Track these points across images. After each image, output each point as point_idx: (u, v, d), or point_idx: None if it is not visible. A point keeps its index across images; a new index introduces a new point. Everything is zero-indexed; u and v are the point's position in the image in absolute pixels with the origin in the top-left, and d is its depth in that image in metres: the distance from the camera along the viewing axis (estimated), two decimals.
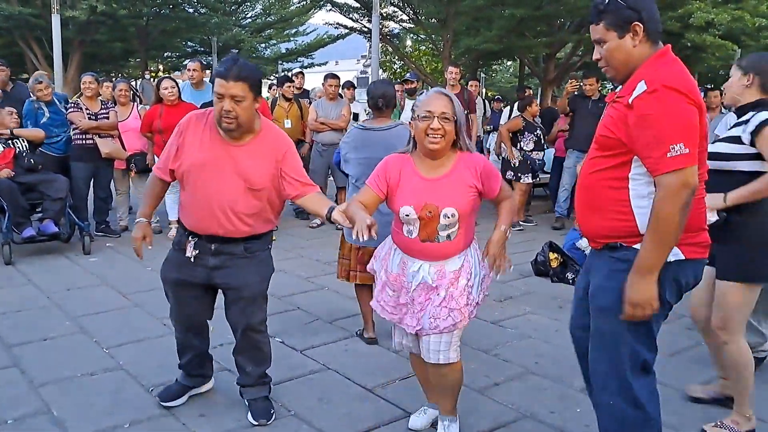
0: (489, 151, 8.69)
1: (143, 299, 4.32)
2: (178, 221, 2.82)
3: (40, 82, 6.04)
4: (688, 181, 1.83)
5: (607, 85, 14.40)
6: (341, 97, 7.75)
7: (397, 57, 23.12)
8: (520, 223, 7.26)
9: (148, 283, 4.49)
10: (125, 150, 6.25)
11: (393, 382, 3.19)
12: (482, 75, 24.20)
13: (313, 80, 14.53)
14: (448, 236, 2.38)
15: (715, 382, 3.24)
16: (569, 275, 4.99)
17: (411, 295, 2.46)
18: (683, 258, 1.97)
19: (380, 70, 17.29)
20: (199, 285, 2.73)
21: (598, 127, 2.07)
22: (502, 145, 7.22)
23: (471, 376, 3.29)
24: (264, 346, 2.87)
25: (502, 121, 8.09)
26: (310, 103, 7.65)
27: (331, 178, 7.25)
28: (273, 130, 2.75)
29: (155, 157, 5.90)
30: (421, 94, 2.60)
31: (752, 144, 2.68)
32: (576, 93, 7.09)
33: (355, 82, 9.41)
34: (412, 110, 2.49)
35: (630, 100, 1.89)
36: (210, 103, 4.88)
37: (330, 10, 17.55)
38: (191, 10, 19.04)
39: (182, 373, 2.97)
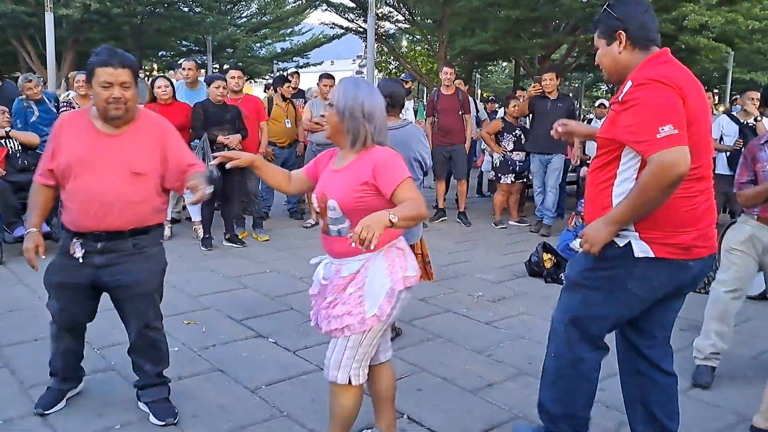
0: (484, 152, 8.71)
1: None
2: (62, 225, 2.73)
3: (30, 81, 6.02)
4: (679, 161, 1.91)
5: (599, 87, 14.42)
6: None
7: (392, 57, 23.14)
8: (510, 223, 7.29)
9: None
10: None
11: None
12: (477, 76, 24.25)
13: (308, 80, 14.50)
14: (339, 231, 2.27)
15: None
16: (563, 276, 4.99)
17: (322, 293, 2.41)
18: (653, 256, 2.08)
19: (376, 71, 17.29)
20: (83, 286, 2.67)
21: (599, 131, 2.27)
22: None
23: (464, 376, 3.29)
24: (161, 345, 2.86)
25: None
26: (305, 102, 7.63)
27: None
28: (151, 114, 2.79)
29: None
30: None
31: None
32: (537, 95, 6.89)
33: None
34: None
35: (620, 98, 2.07)
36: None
37: (326, 9, 17.54)
38: (186, 9, 18.99)
39: (57, 378, 2.88)
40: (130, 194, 2.57)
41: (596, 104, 8.69)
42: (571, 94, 19.18)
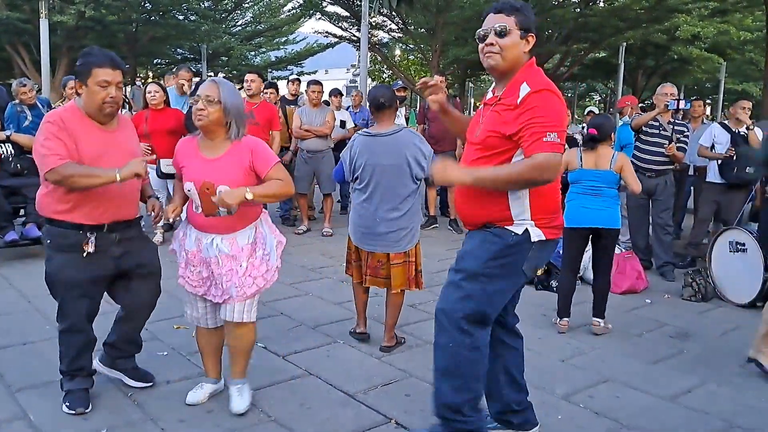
0: None
1: None
2: (65, 222, 2.71)
3: (24, 85, 6.01)
4: (553, 165, 2.18)
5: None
6: (327, 104, 7.73)
7: (386, 66, 23.22)
8: None
9: None
10: None
11: (375, 387, 3.18)
12: (470, 85, 24.35)
13: (301, 88, 14.50)
14: (228, 212, 2.58)
15: (695, 390, 3.27)
16: (553, 283, 5.00)
17: (212, 268, 2.71)
18: (545, 239, 2.35)
19: (369, 79, 17.33)
20: (108, 277, 2.85)
21: (479, 129, 2.39)
22: None
23: None
24: None
25: None
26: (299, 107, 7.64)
27: (317, 185, 7.24)
28: (121, 116, 2.96)
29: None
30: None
31: None
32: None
33: (344, 91, 9.39)
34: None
35: (518, 101, 2.23)
36: None
37: (320, 18, 17.61)
38: (181, 17, 19.00)
39: (79, 378, 2.88)
40: (135, 182, 2.79)
41: (586, 112, 8.72)
42: None
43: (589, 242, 4.18)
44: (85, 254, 2.69)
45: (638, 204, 5.63)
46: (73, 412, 2.79)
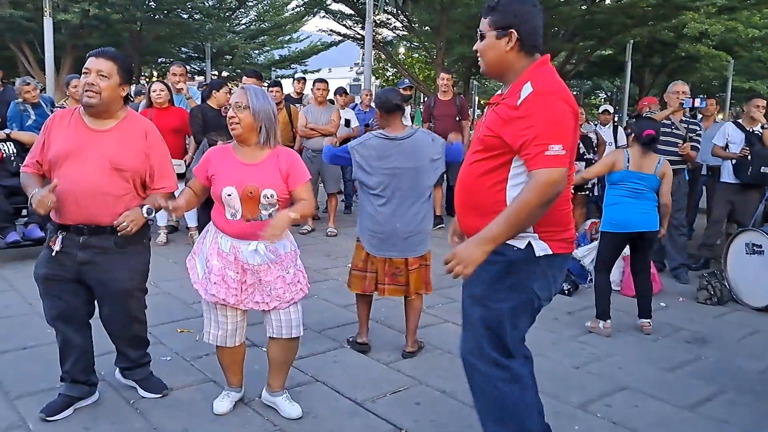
0: None
1: None
2: (48, 217, 2.74)
3: (28, 84, 5.94)
4: (558, 180, 1.95)
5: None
6: (332, 102, 7.64)
7: (390, 64, 23.09)
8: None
9: None
10: None
11: (383, 395, 3.09)
12: (475, 83, 24.23)
13: (306, 88, 14.44)
14: (270, 215, 2.62)
15: (715, 399, 3.17)
16: (565, 285, 4.90)
17: (258, 275, 2.66)
18: (551, 253, 2.11)
19: (373, 77, 17.24)
20: (68, 280, 2.71)
21: (481, 129, 2.19)
22: None
23: (464, 390, 3.17)
24: (143, 333, 2.98)
25: None
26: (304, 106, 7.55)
27: (321, 184, 7.15)
28: (138, 116, 2.88)
29: None
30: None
31: None
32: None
33: (348, 90, 9.30)
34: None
35: (518, 102, 2.01)
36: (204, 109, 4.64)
37: (324, 17, 17.51)
38: (185, 16, 18.93)
39: (66, 383, 2.84)
40: (109, 187, 2.62)
41: (600, 111, 8.56)
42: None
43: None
44: (53, 252, 2.65)
45: None
46: (43, 416, 2.72)
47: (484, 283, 2.14)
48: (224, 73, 23.47)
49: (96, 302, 2.83)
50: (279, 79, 15.07)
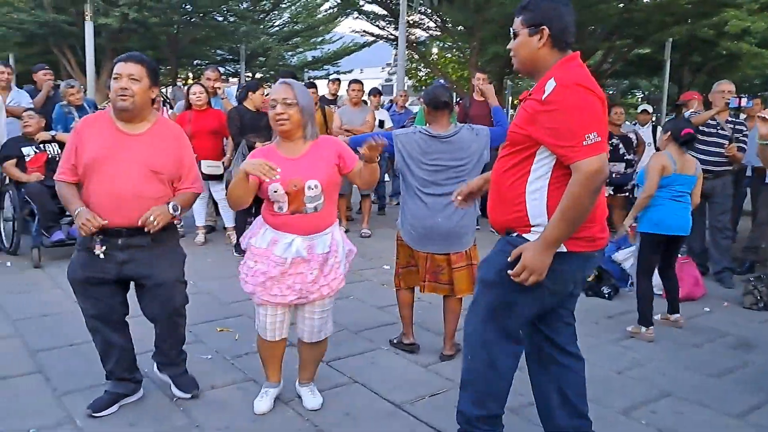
0: None
1: None
2: None
3: (72, 86, 6.11)
4: (602, 168, 1.98)
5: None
6: (365, 103, 7.66)
7: (423, 65, 23.04)
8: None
9: None
10: None
11: (422, 398, 3.08)
12: (509, 82, 24.01)
13: (340, 88, 14.47)
14: (315, 208, 2.66)
15: (764, 407, 3.07)
16: (605, 289, 4.82)
17: (282, 268, 2.67)
18: (566, 251, 2.11)
19: (406, 78, 17.22)
20: (108, 281, 2.75)
21: (510, 125, 2.24)
22: None
23: None
24: (182, 328, 3.00)
25: None
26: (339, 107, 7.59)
27: (355, 185, 7.16)
28: (168, 121, 2.99)
29: None
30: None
31: None
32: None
33: (381, 90, 9.30)
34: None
35: (543, 97, 2.04)
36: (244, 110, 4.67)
37: (357, 17, 17.55)
38: (220, 19, 19.19)
39: (111, 381, 2.91)
40: (147, 190, 2.68)
41: (639, 111, 8.39)
42: None
43: None
44: (100, 255, 2.69)
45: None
46: (89, 411, 2.79)
47: (494, 268, 2.22)
48: (258, 75, 23.72)
49: (139, 299, 2.87)
50: (313, 80, 15.17)
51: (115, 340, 2.85)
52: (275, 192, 2.64)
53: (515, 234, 2.18)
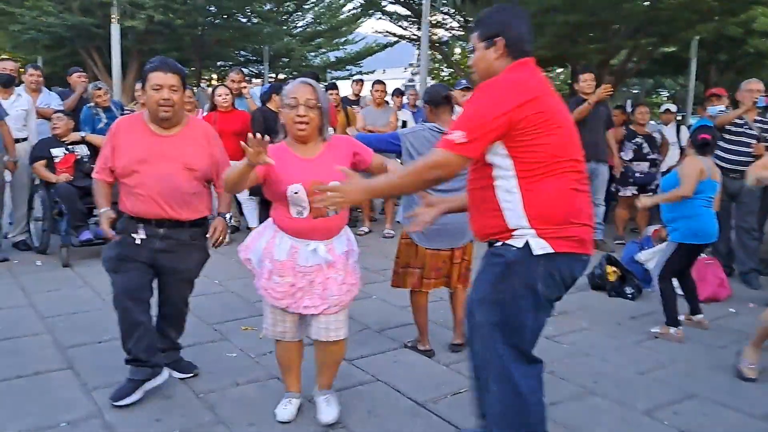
0: None
1: (197, 303, 4.33)
2: (119, 212, 2.96)
3: (99, 88, 6.22)
4: (441, 163, 2.00)
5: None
6: (388, 104, 7.69)
7: (446, 65, 22.99)
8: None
9: (202, 290, 4.50)
10: None
11: (444, 397, 3.10)
12: None
13: (363, 89, 14.52)
14: (336, 210, 2.56)
15: None
16: (628, 290, 4.79)
17: (310, 277, 2.61)
18: (552, 251, 2.03)
19: (429, 78, 17.20)
20: (140, 262, 2.91)
21: None
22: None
23: None
24: (185, 316, 3.25)
25: None
26: (361, 108, 7.62)
27: None
28: (198, 120, 3.18)
29: None
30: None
31: None
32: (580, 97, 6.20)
33: (404, 91, 9.31)
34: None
35: None
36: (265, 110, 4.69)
37: (380, 18, 17.59)
38: (244, 20, 19.37)
39: (131, 367, 2.97)
40: (186, 187, 2.88)
41: (662, 110, 8.28)
42: (629, 100, 18.56)
43: None
44: (136, 241, 2.87)
45: (720, 207, 5.30)
46: (111, 401, 2.89)
47: (487, 284, 2.13)
48: (281, 76, 23.88)
49: (160, 286, 3.08)
50: (335, 81, 15.24)
51: (139, 318, 2.92)
52: (296, 194, 2.51)
53: (499, 243, 2.11)
